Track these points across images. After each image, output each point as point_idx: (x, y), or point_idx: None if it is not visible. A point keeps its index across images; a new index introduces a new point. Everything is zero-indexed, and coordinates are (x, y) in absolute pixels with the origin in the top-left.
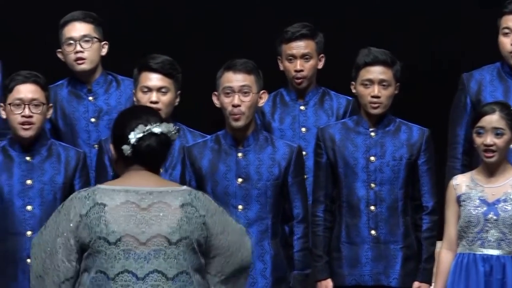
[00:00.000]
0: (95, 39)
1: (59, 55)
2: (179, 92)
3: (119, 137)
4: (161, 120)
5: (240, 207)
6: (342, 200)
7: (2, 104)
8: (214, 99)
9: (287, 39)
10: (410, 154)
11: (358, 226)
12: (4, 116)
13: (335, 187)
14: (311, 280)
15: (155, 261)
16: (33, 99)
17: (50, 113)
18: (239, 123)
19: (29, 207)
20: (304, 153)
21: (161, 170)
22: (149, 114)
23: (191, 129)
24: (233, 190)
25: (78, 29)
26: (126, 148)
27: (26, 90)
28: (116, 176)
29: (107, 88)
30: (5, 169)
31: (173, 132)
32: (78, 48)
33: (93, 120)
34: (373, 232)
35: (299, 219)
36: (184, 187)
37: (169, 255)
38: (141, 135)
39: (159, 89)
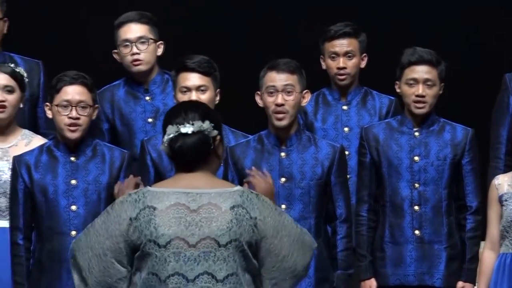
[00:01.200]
0: (151, 40)
1: (115, 56)
2: (218, 90)
3: (163, 136)
4: (201, 116)
5: (283, 206)
6: (386, 200)
7: (48, 104)
8: (257, 98)
9: (330, 37)
10: (454, 154)
11: (402, 226)
12: (50, 116)
13: (379, 186)
14: (355, 279)
15: (205, 263)
16: (80, 101)
17: (95, 114)
18: (283, 123)
19: (73, 207)
20: (346, 152)
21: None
22: (190, 110)
23: (233, 129)
24: (276, 189)
25: (133, 30)
26: (163, 149)
27: (73, 92)
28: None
29: (163, 87)
30: (50, 170)
31: (209, 130)
32: (134, 50)
33: (150, 120)
34: (417, 232)
35: (342, 219)
36: (237, 187)
37: (218, 257)
38: (172, 136)
39: (197, 88)
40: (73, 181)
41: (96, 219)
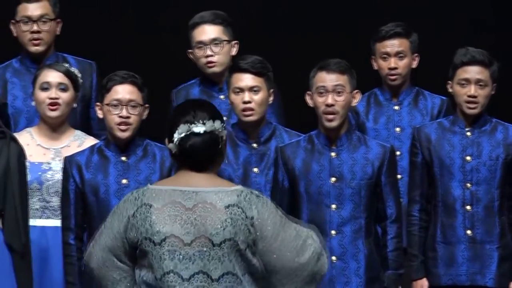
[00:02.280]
0: (225, 42)
1: (190, 56)
2: (271, 90)
3: (168, 134)
4: (211, 115)
5: (333, 206)
6: (438, 200)
7: (99, 104)
8: (308, 98)
9: (381, 38)
10: (507, 154)
11: (454, 226)
12: (101, 116)
13: (431, 186)
14: (406, 279)
15: (200, 262)
16: (131, 100)
17: (146, 114)
18: (333, 124)
19: None
20: (398, 152)
21: (256, 170)
22: (198, 109)
23: (287, 129)
24: (326, 189)
25: (207, 32)
26: (171, 147)
27: (124, 91)
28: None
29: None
30: (101, 169)
31: (219, 130)
32: (208, 52)
33: (224, 118)
34: (469, 232)
35: (393, 219)
36: (236, 186)
37: (213, 257)
38: (183, 135)
39: (250, 89)
40: (124, 181)
41: (106, 218)
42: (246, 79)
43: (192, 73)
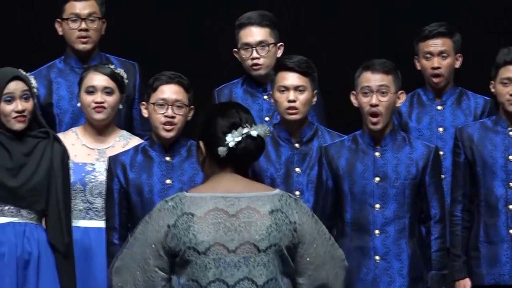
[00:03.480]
0: (271, 45)
1: (236, 55)
2: (315, 91)
3: (212, 136)
4: (253, 119)
5: (377, 206)
6: (480, 200)
7: (144, 103)
8: (352, 98)
9: (424, 37)
10: None
11: (497, 226)
12: (146, 115)
13: (473, 186)
14: (449, 279)
15: (245, 268)
16: (177, 100)
17: (191, 115)
18: (377, 126)
19: None
20: (441, 153)
21: (298, 170)
22: (240, 111)
23: (329, 130)
24: (370, 189)
25: (254, 34)
26: (222, 150)
27: (170, 91)
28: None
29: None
30: (145, 169)
31: (267, 133)
32: (255, 54)
33: (267, 119)
34: (511, 231)
35: (437, 219)
36: (276, 191)
37: (258, 263)
38: (239, 138)
39: (296, 88)
40: (168, 181)
41: (135, 230)
42: (292, 78)
43: (232, 72)
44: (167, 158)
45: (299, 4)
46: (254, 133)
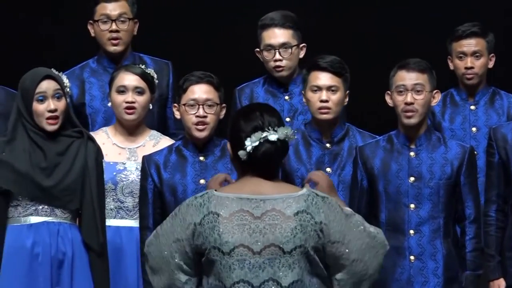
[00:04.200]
0: (294, 47)
1: (258, 55)
2: (347, 92)
3: (235, 140)
4: (278, 121)
5: (412, 206)
6: None
7: (176, 105)
8: (387, 98)
9: (458, 37)
10: None
11: None
12: (178, 117)
13: (508, 186)
14: (483, 280)
15: (270, 269)
16: (207, 99)
17: (223, 113)
18: (412, 121)
19: None
20: (475, 152)
21: (329, 170)
22: (265, 114)
23: (360, 130)
24: (405, 189)
25: (277, 35)
26: (242, 154)
27: (200, 91)
28: None
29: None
30: (178, 169)
31: (290, 136)
32: (277, 56)
33: (288, 119)
34: None
35: (471, 219)
36: (302, 191)
37: (283, 264)
38: (257, 143)
39: (328, 88)
40: (202, 181)
41: (165, 221)
42: (325, 78)
43: (253, 71)
44: (201, 158)
45: (332, 2)
46: (272, 137)
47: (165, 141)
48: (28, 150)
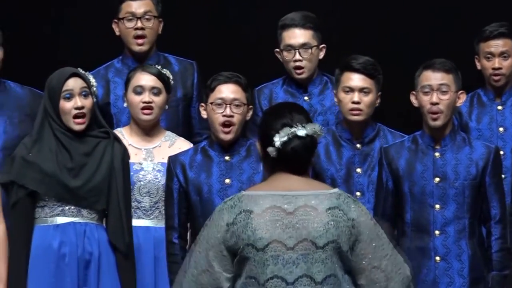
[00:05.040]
0: (314, 47)
1: (278, 55)
2: (379, 93)
3: (265, 137)
4: (307, 119)
5: (437, 206)
6: None
7: (203, 104)
8: (412, 98)
9: (485, 38)
10: None
11: None
12: (204, 116)
13: None
14: (510, 280)
15: (303, 265)
16: (235, 99)
17: (250, 114)
18: (437, 123)
19: None
20: (501, 152)
21: (359, 171)
22: (294, 112)
23: (392, 130)
24: (430, 189)
25: (297, 36)
26: (271, 150)
27: (227, 90)
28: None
29: (322, 89)
30: (204, 169)
31: (318, 133)
32: (297, 56)
33: None
34: None
35: (497, 220)
36: (334, 190)
37: (316, 259)
38: (285, 138)
39: (360, 90)
40: (227, 180)
41: (199, 234)
42: (358, 80)
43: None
44: (226, 158)
45: (359, 2)
46: (301, 132)
47: (180, 142)
48: (55, 151)
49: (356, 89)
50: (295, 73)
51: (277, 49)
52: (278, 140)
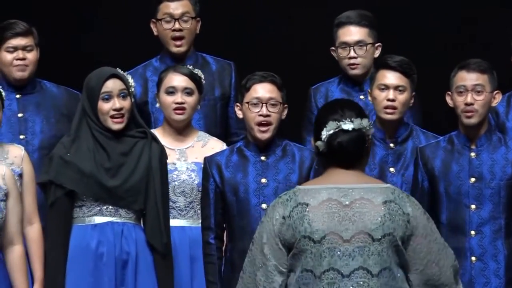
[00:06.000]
0: (369, 45)
1: (333, 53)
2: (413, 93)
3: (316, 132)
4: (358, 114)
5: (473, 206)
6: None
7: (238, 104)
8: (448, 99)
9: None
10: None
11: None
12: (240, 116)
13: None
14: None
15: (359, 258)
16: (270, 98)
17: (285, 113)
18: (472, 121)
19: (264, 206)
20: None
21: (393, 170)
22: (346, 108)
23: (424, 130)
24: (466, 189)
25: (353, 33)
26: (319, 145)
27: (263, 90)
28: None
29: None
30: (240, 169)
31: (367, 128)
32: (352, 54)
33: None
34: None
35: None
36: (388, 185)
37: (372, 252)
38: (331, 132)
39: (395, 88)
40: (263, 180)
41: (254, 235)
42: (393, 77)
43: (328, 71)
44: (262, 158)
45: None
46: (347, 126)
47: (213, 142)
48: (93, 150)
49: (391, 87)
50: (349, 69)
51: (333, 48)
52: (325, 134)
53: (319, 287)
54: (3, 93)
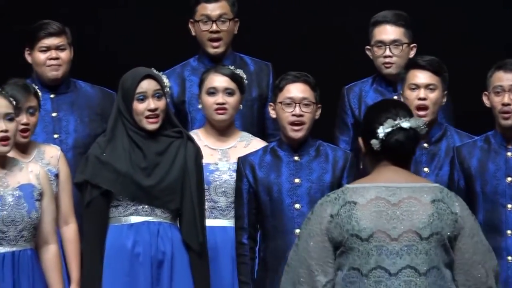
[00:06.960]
0: (405, 45)
1: (368, 53)
2: (445, 92)
3: (368, 131)
4: (410, 114)
5: (509, 206)
6: None
7: (271, 104)
8: (485, 99)
9: None
10: None
11: None
12: (273, 116)
13: None
14: None
15: (407, 256)
16: (304, 98)
17: (318, 113)
18: (509, 122)
19: (297, 206)
20: None
21: (427, 170)
22: (398, 107)
23: (458, 130)
24: (502, 189)
25: (388, 32)
26: (374, 143)
27: (296, 90)
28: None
29: None
30: (273, 169)
31: (422, 127)
32: (388, 52)
33: None
34: None
35: None
36: (436, 184)
37: (420, 251)
38: (389, 129)
39: (426, 86)
40: (297, 180)
41: (300, 231)
42: (423, 76)
43: (362, 70)
44: (296, 158)
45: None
46: (405, 124)
47: (256, 142)
48: (128, 150)
49: (422, 86)
50: (384, 68)
51: (368, 47)
52: (382, 131)
53: (366, 285)
54: (40, 94)
